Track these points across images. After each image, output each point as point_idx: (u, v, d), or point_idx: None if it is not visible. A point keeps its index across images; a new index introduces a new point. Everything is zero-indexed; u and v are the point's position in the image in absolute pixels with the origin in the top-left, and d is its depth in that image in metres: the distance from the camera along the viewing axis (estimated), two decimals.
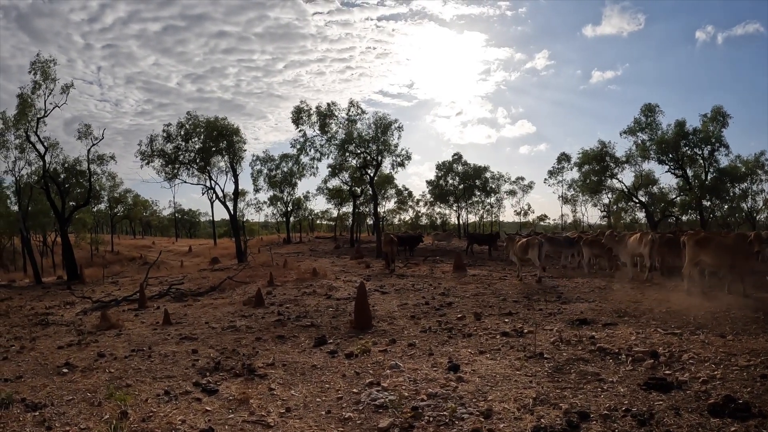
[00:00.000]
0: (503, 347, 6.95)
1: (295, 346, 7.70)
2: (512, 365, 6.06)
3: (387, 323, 9.18)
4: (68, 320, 11.54)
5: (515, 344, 7.06)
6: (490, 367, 6.04)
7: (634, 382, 5.18)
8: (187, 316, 10.74)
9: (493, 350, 6.84)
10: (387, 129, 28.33)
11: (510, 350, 6.78)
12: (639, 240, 13.95)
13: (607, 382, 5.24)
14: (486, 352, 6.78)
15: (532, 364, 6.05)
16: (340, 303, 11.64)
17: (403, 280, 16.10)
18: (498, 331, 7.94)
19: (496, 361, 6.31)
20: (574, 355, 6.26)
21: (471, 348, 7.02)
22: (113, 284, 19.84)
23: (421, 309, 10.54)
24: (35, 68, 22.91)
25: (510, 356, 6.47)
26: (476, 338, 7.64)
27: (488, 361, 6.31)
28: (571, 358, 6.17)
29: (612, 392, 4.95)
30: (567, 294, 11.93)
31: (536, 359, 6.22)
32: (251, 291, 14.45)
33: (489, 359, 6.41)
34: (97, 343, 8.41)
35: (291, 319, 9.75)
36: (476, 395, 5.10)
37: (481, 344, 7.22)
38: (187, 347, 7.61)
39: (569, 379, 5.44)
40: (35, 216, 31.97)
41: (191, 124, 27.58)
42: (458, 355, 6.70)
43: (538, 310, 9.82)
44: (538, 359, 6.21)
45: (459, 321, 9.11)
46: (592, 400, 4.78)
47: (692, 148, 34.46)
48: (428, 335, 8.01)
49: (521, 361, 6.21)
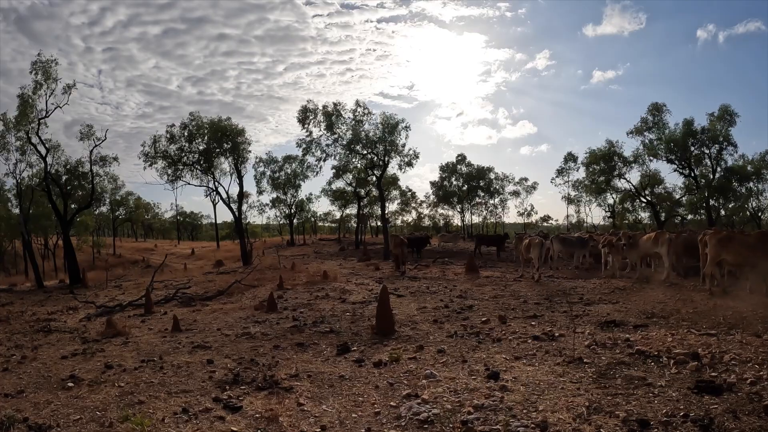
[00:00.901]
0: (538, 352, 6.64)
1: (317, 354, 7.17)
2: (553, 371, 5.73)
3: (409, 328, 8.74)
4: (72, 327, 11.01)
5: (549, 349, 6.75)
6: (530, 374, 5.71)
7: (683, 385, 4.97)
8: (197, 322, 10.21)
9: (528, 355, 6.51)
10: (394, 129, 27.81)
11: (546, 355, 6.47)
12: (655, 239, 13.62)
13: (655, 386, 5.00)
14: (521, 357, 6.44)
15: (574, 369, 5.74)
16: (356, 307, 11.12)
17: (416, 283, 15.62)
18: (528, 335, 7.61)
19: (535, 367, 5.98)
20: (614, 359, 5.99)
21: (504, 354, 6.66)
22: (117, 288, 19.33)
23: (442, 312, 10.16)
24: (36, 68, 22.44)
25: (548, 362, 6.16)
26: (507, 343, 7.27)
27: (527, 368, 5.96)
28: (611, 362, 5.89)
29: (664, 397, 4.72)
30: (588, 295, 11.66)
31: (576, 364, 5.91)
32: (261, 295, 13.93)
33: (527, 365, 6.07)
34: (103, 352, 7.86)
35: (308, 325, 9.21)
36: (525, 405, 4.75)
37: (514, 349, 6.89)
38: (201, 357, 7.05)
39: (616, 384, 5.17)
40: (36, 219, 31.52)
41: (195, 125, 27.06)
42: (493, 361, 6.30)
43: (563, 312, 9.49)
44: (578, 364, 5.91)
45: (484, 325, 8.69)
46: (646, 406, 4.54)
47: (700, 147, 34.03)
48: (456, 340, 7.63)
49: (562, 366, 5.90)
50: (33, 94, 22.56)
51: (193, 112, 28.28)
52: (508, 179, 57.24)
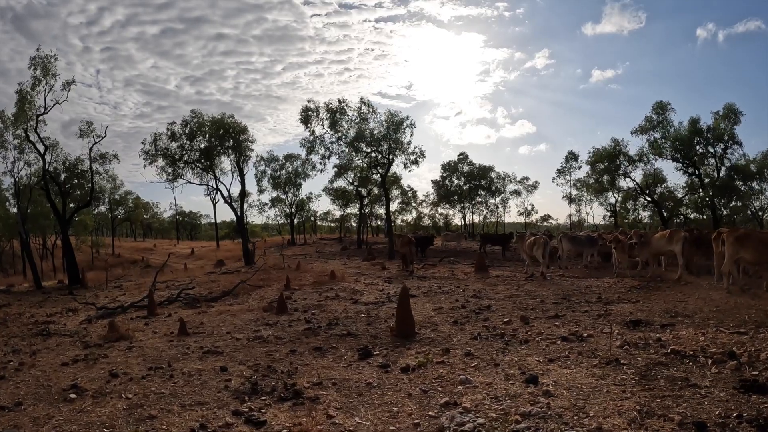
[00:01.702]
0: (570, 354, 6.35)
1: (338, 359, 6.68)
2: (592, 374, 5.46)
3: (430, 329, 8.31)
4: (72, 330, 10.50)
5: (581, 350, 6.47)
6: (569, 377, 5.42)
7: (728, 385, 4.85)
8: (204, 325, 9.70)
9: (561, 357, 6.20)
10: (399, 127, 27.29)
11: (579, 357, 6.19)
12: (669, 237, 13.41)
13: (700, 387, 4.84)
14: (555, 360, 6.12)
15: (613, 371, 5.50)
16: (370, 308, 10.64)
17: (426, 282, 15.17)
18: (555, 336, 7.31)
19: (572, 369, 5.69)
20: (650, 360, 5.78)
21: (536, 356, 6.35)
22: (117, 289, 18.81)
23: (460, 313, 9.76)
24: (35, 63, 21.86)
25: (584, 364, 5.88)
26: (535, 344, 6.95)
27: (564, 371, 5.66)
28: (649, 362, 5.69)
29: (712, 398, 4.58)
30: (606, 294, 11.29)
31: (614, 366, 5.67)
32: (268, 295, 13.45)
33: (563, 368, 5.77)
34: (106, 358, 7.36)
35: (322, 328, 8.72)
36: (575, 411, 4.44)
37: (544, 351, 6.58)
38: (213, 363, 6.54)
39: (660, 386, 4.97)
40: (35, 218, 31.00)
41: (196, 123, 26.53)
42: (527, 364, 5.95)
43: (584, 312, 9.26)
44: (615, 366, 5.67)
45: (506, 325, 8.34)
46: (697, 408, 4.40)
47: (705, 146, 33.64)
48: (481, 343, 7.24)
49: (599, 368, 5.63)
50: (32, 90, 22.01)
51: (194, 110, 27.69)
52: (509, 178, 56.97)
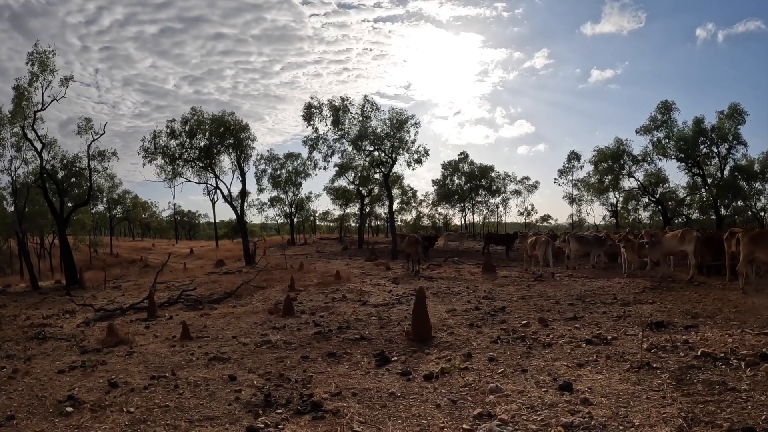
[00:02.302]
0: (598, 358, 6.06)
1: (354, 366, 6.24)
2: (627, 379, 5.20)
3: (446, 333, 7.95)
4: (69, 333, 10.04)
5: (608, 353, 6.19)
6: (603, 383, 5.13)
7: (767, 388, 4.70)
8: (208, 329, 9.25)
9: (590, 362, 5.91)
10: (403, 125, 26.85)
11: (608, 361, 5.90)
12: (681, 237, 13.26)
13: (740, 391, 4.66)
14: (584, 364, 5.82)
15: (647, 376, 5.25)
16: (380, 310, 10.21)
17: (434, 283, 14.79)
18: (578, 339, 7.04)
19: (605, 375, 5.41)
20: (682, 363, 5.55)
21: (563, 360, 6.04)
22: (116, 289, 18.34)
23: (474, 315, 9.42)
24: (33, 59, 21.40)
25: (614, 368, 5.60)
26: (559, 348, 6.65)
27: (596, 376, 5.38)
28: (681, 366, 5.45)
29: (755, 402, 4.40)
30: (620, 295, 11.03)
31: (647, 370, 5.41)
32: (273, 297, 13.02)
33: (595, 373, 5.48)
34: (105, 365, 6.91)
35: (333, 332, 8.28)
36: (619, 420, 4.16)
37: (570, 355, 6.29)
38: (221, 372, 6.09)
39: (699, 390, 4.75)
40: (32, 217, 30.54)
41: (196, 120, 26.06)
42: (556, 370, 5.65)
43: (602, 313, 9.05)
44: (648, 370, 5.41)
45: (525, 328, 8.05)
46: (742, 413, 4.20)
47: (710, 145, 33.31)
48: (503, 347, 6.91)
49: (632, 373, 5.36)
50: (29, 86, 21.54)
51: (195, 107, 27.22)
52: (510, 178, 56.63)
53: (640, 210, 39.44)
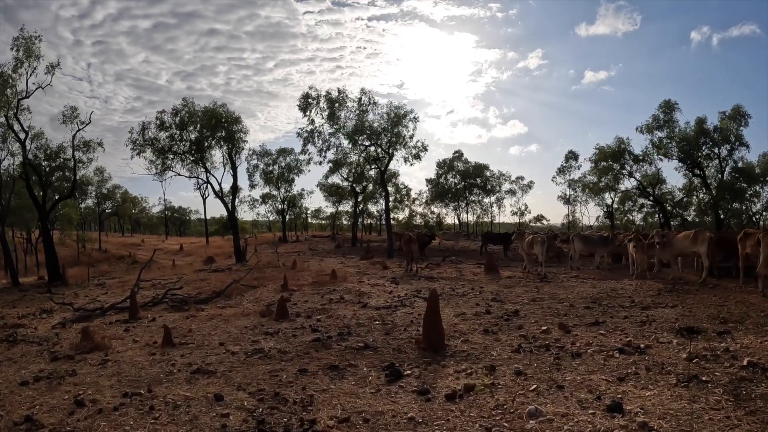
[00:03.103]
0: (638, 370, 5.45)
1: (361, 382, 5.44)
2: (678, 395, 4.66)
3: (460, 340, 7.22)
4: (42, 336, 9.20)
5: (646, 364, 5.61)
6: (654, 401, 4.56)
7: None
8: (193, 333, 8.40)
9: (630, 375, 5.30)
10: (401, 120, 26.00)
11: (649, 373, 5.33)
12: (693, 238, 12.76)
13: None
14: (625, 378, 5.21)
15: (698, 391, 4.75)
16: (383, 314, 9.41)
17: (436, 284, 14.01)
18: (607, 348, 6.41)
19: (652, 391, 4.83)
20: (731, 375, 5.09)
21: (599, 373, 5.43)
22: (99, 287, 17.41)
23: (487, 320, 8.70)
24: (18, 44, 20.39)
25: (660, 382, 5.04)
26: (590, 359, 6.02)
27: (643, 392, 4.80)
28: (732, 378, 4.99)
29: None
30: (637, 298, 10.35)
31: (697, 384, 4.90)
32: (264, 297, 12.19)
33: (640, 389, 4.90)
34: (74, 376, 6.07)
35: (333, 338, 7.47)
36: None
37: (606, 366, 5.68)
38: (206, 388, 5.26)
39: (761, 407, 4.28)
40: (18, 211, 29.38)
41: (187, 112, 25.08)
42: (595, 385, 5.02)
43: (623, 318, 8.43)
44: (698, 384, 4.90)
45: (546, 335, 7.39)
46: None
47: (711, 147, 32.83)
48: (526, 357, 6.24)
49: (683, 388, 4.83)
50: (13, 72, 20.53)
51: (186, 98, 26.21)
52: (504, 177, 56.07)
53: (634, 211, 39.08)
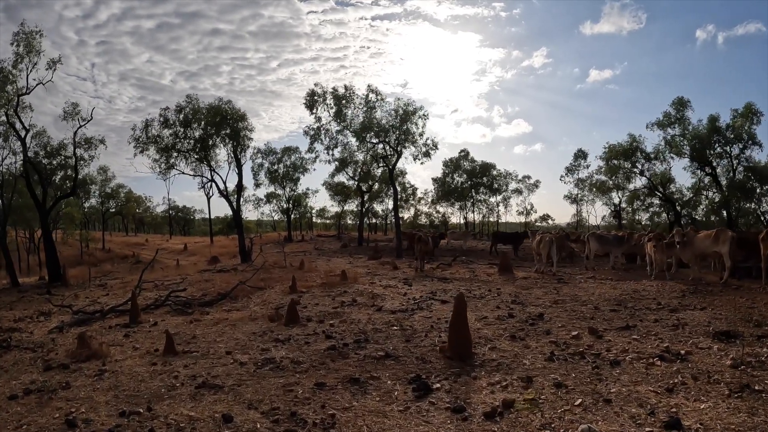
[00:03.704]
0: (684, 379, 5.05)
1: (386, 397, 4.83)
2: (735, 408, 4.25)
3: (487, 347, 6.64)
4: (37, 341, 8.64)
5: (692, 373, 5.22)
6: (710, 414, 4.17)
7: None
8: (197, 340, 7.82)
9: (677, 385, 4.88)
10: (409, 116, 25.32)
11: (697, 383, 4.94)
12: (715, 237, 12.36)
13: None
14: (673, 389, 4.78)
15: (755, 402, 4.36)
16: (400, 318, 8.79)
17: (450, 285, 13.43)
18: (645, 354, 5.96)
19: (705, 403, 4.42)
20: None
21: (644, 384, 4.98)
22: (101, 287, 16.87)
23: (512, 324, 8.13)
24: (18, 39, 19.91)
25: (711, 393, 4.64)
26: (630, 367, 5.55)
27: (696, 405, 4.38)
28: None
29: None
30: (662, 300, 9.86)
31: (752, 395, 4.52)
32: (272, 300, 11.60)
33: (692, 400, 4.48)
34: (68, 389, 5.48)
35: (350, 346, 6.85)
36: None
37: (649, 376, 5.23)
38: (212, 406, 4.66)
39: None
40: (20, 210, 28.90)
41: (191, 109, 24.54)
42: (644, 398, 4.57)
43: (653, 321, 7.94)
44: (753, 394, 4.52)
45: (576, 341, 6.89)
46: None
47: (723, 145, 32.10)
48: (562, 366, 5.71)
49: (737, 399, 4.44)
50: (13, 68, 20.03)
51: (190, 95, 25.70)
52: (511, 176, 55.41)
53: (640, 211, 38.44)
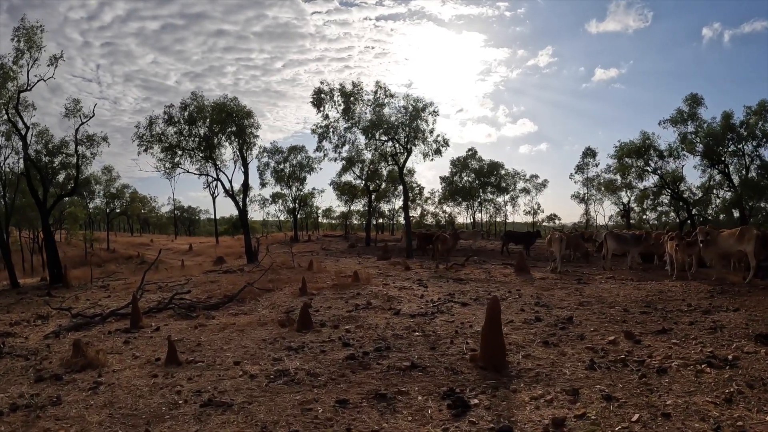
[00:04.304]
0: (740, 388, 4.59)
1: (419, 416, 4.19)
2: None
3: (521, 355, 6.06)
4: (32, 347, 8.05)
5: (746, 380, 4.80)
6: None
7: None
8: (202, 348, 7.18)
9: (734, 395, 4.44)
10: (419, 113, 24.67)
11: (754, 392, 4.50)
12: (740, 236, 12.03)
13: None
14: (732, 400, 4.34)
15: None
16: (420, 323, 8.14)
17: (467, 286, 12.80)
18: (691, 361, 5.48)
19: None
20: None
21: (699, 394, 4.53)
22: (103, 289, 16.28)
23: (540, 329, 7.56)
24: (19, 35, 19.37)
25: None
26: (679, 375, 5.07)
27: (761, 417, 3.96)
28: None
29: None
30: (692, 301, 9.43)
31: None
32: (281, 302, 10.97)
33: (755, 412, 4.05)
34: (59, 405, 4.87)
35: (370, 355, 6.19)
36: None
37: (702, 385, 4.78)
38: (220, 430, 4.03)
39: None
40: (22, 210, 28.46)
41: (196, 107, 23.96)
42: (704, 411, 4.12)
43: (689, 324, 7.47)
44: None
45: (613, 346, 6.39)
46: None
47: (736, 143, 31.32)
48: (605, 375, 5.19)
49: None
50: (14, 64, 19.51)
51: (195, 92, 25.08)
52: (519, 176, 54.69)
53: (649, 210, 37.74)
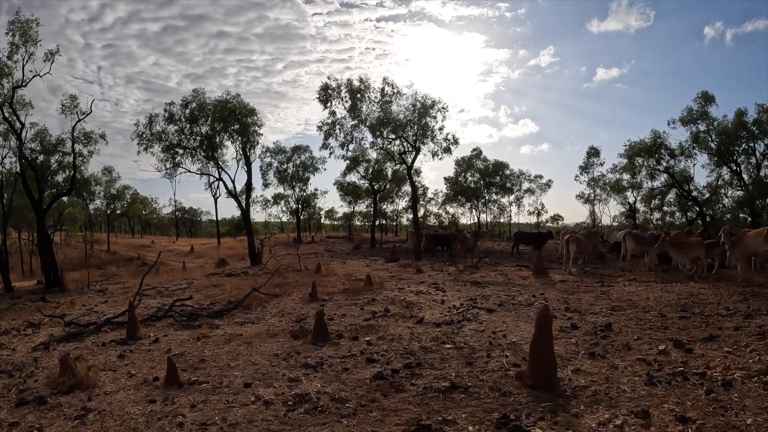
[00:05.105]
0: None
1: None
2: None
3: (570, 369, 5.37)
4: (18, 361, 7.26)
5: None
6: None
7: None
8: (206, 364, 6.36)
9: None
10: (428, 110, 23.86)
11: None
12: (767, 236, 11.88)
13: None
14: None
15: None
16: (448, 332, 7.32)
17: (486, 290, 12.07)
18: (755, 371, 5.03)
19: None
20: None
21: None
22: (100, 293, 15.46)
23: (581, 338, 6.95)
24: (13, 29, 18.61)
25: None
26: (747, 389, 4.65)
27: None
28: None
29: None
30: (729, 304, 8.94)
31: None
32: (291, 309, 10.15)
33: None
34: None
35: (400, 373, 5.36)
36: None
37: None
38: None
39: None
40: (20, 211, 27.70)
41: (197, 104, 23.18)
42: None
43: (735, 329, 7.05)
44: None
45: (664, 356, 5.86)
46: None
47: (750, 141, 30.57)
48: (669, 392, 4.66)
49: None
50: (8, 59, 18.74)
51: (196, 89, 24.28)
52: (524, 176, 53.88)
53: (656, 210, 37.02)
